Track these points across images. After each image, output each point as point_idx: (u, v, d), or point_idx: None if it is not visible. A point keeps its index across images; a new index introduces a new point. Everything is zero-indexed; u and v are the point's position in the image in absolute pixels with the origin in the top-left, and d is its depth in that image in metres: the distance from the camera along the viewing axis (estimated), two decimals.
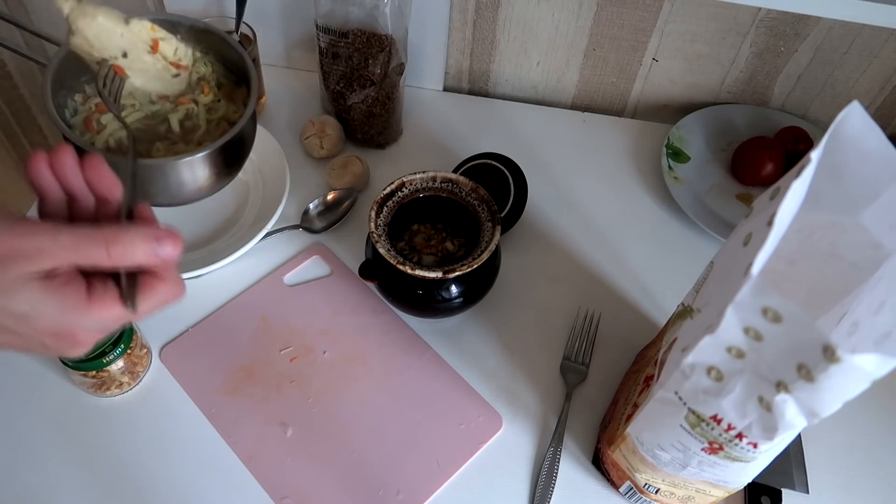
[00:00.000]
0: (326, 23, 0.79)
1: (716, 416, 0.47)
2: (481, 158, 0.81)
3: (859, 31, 0.82)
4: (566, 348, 0.72)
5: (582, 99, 0.97)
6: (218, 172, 0.59)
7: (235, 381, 0.67)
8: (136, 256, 0.36)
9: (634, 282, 0.78)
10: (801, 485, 0.65)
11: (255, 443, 0.64)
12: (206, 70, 0.62)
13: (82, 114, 0.59)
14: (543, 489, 0.63)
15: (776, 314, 0.39)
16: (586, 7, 0.85)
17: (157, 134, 0.59)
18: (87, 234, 0.36)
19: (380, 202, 0.68)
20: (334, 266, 0.76)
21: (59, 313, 0.36)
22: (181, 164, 0.56)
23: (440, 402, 0.68)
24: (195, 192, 0.59)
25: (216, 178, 0.59)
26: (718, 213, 0.84)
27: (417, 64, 0.92)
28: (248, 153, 0.62)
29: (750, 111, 0.92)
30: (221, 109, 0.62)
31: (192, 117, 0.60)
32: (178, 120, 0.59)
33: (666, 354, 0.53)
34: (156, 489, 0.62)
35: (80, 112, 0.59)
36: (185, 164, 0.55)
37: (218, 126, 0.61)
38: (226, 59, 0.63)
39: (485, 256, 0.64)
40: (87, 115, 0.59)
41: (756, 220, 0.44)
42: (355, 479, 0.63)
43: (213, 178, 0.59)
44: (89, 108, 0.59)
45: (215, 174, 0.59)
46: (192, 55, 0.61)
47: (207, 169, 0.57)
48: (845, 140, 0.42)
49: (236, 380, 0.67)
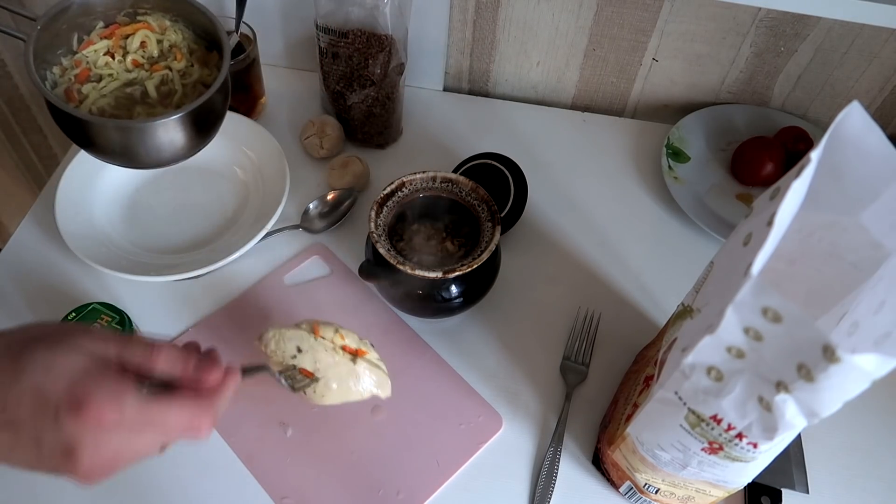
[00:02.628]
0: (326, 23, 0.79)
1: (716, 416, 0.47)
2: (481, 158, 0.81)
3: (859, 31, 0.82)
4: (566, 348, 0.72)
5: (582, 99, 0.97)
6: (196, 133, 0.62)
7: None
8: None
9: (634, 282, 0.78)
10: (801, 485, 0.65)
11: (255, 443, 0.64)
12: (176, 37, 0.65)
13: (62, 85, 0.61)
14: (543, 489, 0.63)
15: (776, 314, 0.39)
16: (586, 7, 0.85)
17: (136, 100, 0.62)
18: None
19: (380, 202, 0.68)
20: (334, 266, 0.76)
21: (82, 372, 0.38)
22: (158, 126, 0.59)
23: (440, 402, 0.68)
24: (175, 152, 0.62)
25: (194, 138, 0.62)
26: (718, 213, 0.84)
27: (417, 64, 0.92)
28: (223, 115, 0.65)
29: (750, 111, 0.92)
30: (196, 73, 0.64)
31: (168, 82, 0.63)
32: (154, 86, 0.62)
33: (666, 354, 0.53)
34: (156, 489, 0.62)
35: (60, 84, 0.61)
36: (162, 125, 0.59)
37: (194, 89, 0.63)
38: (196, 26, 0.65)
39: (485, 256, 0.64)
40: (68, 86, 0.61)
41: (756, 220, 0.44)
42: (355, 479, 0.63)
43: (191, 138, 0.62)
44: (69, 80, 0.61)
45: (193, 134, 0.62)
46: None
47: (185, 129, 0.61)
48: (845, 140, 0.42)
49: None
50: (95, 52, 0.62)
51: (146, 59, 0.63)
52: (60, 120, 0.59)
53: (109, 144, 0.60)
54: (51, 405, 0.37)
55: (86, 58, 0.62)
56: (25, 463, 0.38)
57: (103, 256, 0.72)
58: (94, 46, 0.62)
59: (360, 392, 0.58)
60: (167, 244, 0.76)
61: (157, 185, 0.81)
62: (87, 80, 0.61)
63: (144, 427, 0.39)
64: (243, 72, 0.83)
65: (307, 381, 0.58)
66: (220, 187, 0.81)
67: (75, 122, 0.58)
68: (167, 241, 0.77)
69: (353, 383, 0.58)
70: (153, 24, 0.64)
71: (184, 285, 0.74)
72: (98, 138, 0.59)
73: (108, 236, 0.75)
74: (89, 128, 0.58)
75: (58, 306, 0.67)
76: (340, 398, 0.58)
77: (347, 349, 0.60)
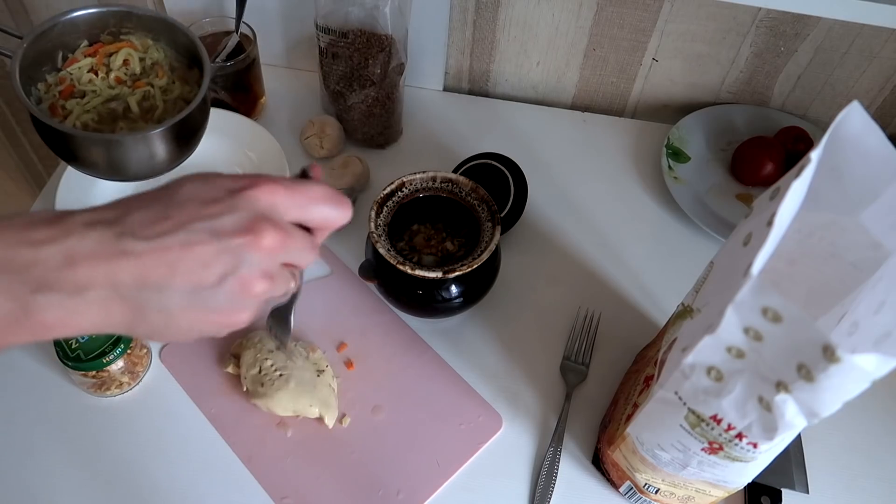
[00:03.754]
0: (326, 23, 0.79)
1: (716, 416, 0.47)
2: (481, 158, 0.81)
3: (859, 31, 0.82)
4: (566, 348, 0.72)
5: (582, 99, 0.97)
6: (177, 146, 0.64)
7: (235, 381, 0.67)
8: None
9: (634, 282, 0.78)
10: (801, 485, 0.65)
11: (255, 443, 0.64)
12: (158, 55, 0.66)
13: (47, 101, 0.63)
14: (543, 489, 0.63)
15: (776, 314, 0.39)
16: (586, 7, 0.85)
17: (119, 115, 0.63)
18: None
19: (380, 202, 0.68)
20: (334, 266, 0.76)
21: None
22: (140, 139, 0.61)
23: (440, 403, 0.68)
24: (157, 165, 0.63)
25: (175, 151, 0.64)
26: (718, 213, 0.84)
27: (417, 64, 0.91)
28: (203, 129, 0.67)
29: (750, 111, 0.92)
30: (177, 90, 0.65)
31: (150, 98, 0.64)
32: (136, 101, 0.64)
33: (666, 354, 0.53)
34: (156, 489, 0.62)
35: (45, 100, 0.63)
36: (143, 138, 0.61)
37: (175, 105, 0.65)
38: (177, 45, 0.67)
39: (485, 256, 0.64)
40: (52, 101, 0.63)
41: (756, 220, 0.44)
42: (355, 479, 0.63)
43: (171, 151, 0.63)
44: (53, 96, 0.63)
45: (174, 147, 0.63)
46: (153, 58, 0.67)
47: (167, 143, 0.62)
48: (845, 140, 0.42)
49: (236, 380, 0.67)
50: (80, 69, 0.64)
51: (129, 77, 0.65)
52: (45, 134, 0.60)
53: (93, 158, 0.61)
54: (220, 197, 0.36)
55: (70, 75, 0.64)
56: (201, 263, 0.35)
57: None
58: (78, 64, 0.64)
59: (310, 404, 0.64)
60: None
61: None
62: (70, 95, 0.63)
63: (308, 203, 0.40)
64: (243, 72, 0.83)
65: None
66: None
67: (60, 136, 0.59)
68: None
69: (308, 393, 0.64)
70: (136, 43, 0.66)
71: None
72: (82, 152, 0.61)
73: None
74: (73, 141, 0.60)
75: None
76: (291, 403, 0.64)
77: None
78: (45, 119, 0.58)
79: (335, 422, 0.65)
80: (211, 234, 0.35)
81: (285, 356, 0.65)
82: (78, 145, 0.60)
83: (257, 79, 0.87)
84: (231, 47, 0.82)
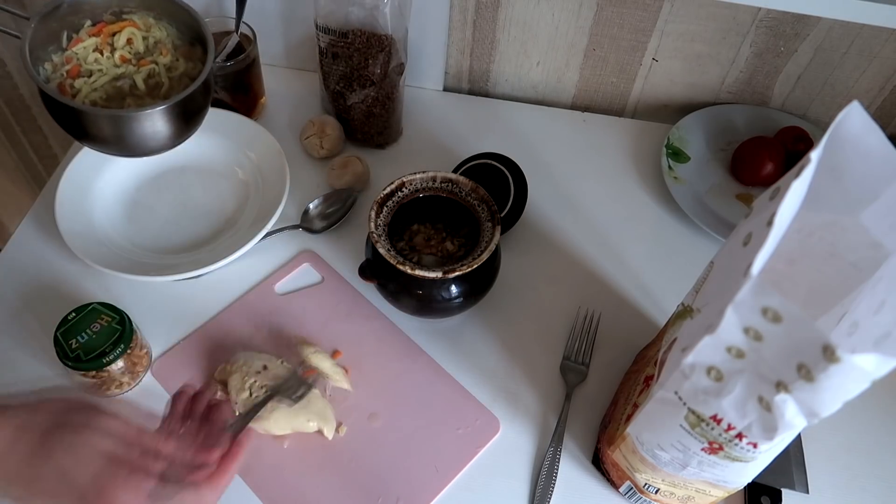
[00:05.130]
0: (326, 23, 0.79)
1: (716, 416, 0.47)
2: (481, 158, 0.81)
3: (859, 31, 0.82)
4: (566, 348, 0.72)
5: (582, 99, 0.97)
6: (182, 122, 0.65)
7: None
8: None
9: (634, 282, 0.78)
10: (801, 485, 0.65)
11: (252, 454, 0.62)
12: (161, 34, 0.68)
13: (55, 80, 0.64)
14: (543, 489, 0.63)
15: (776, 314, 0.39)
16: (586, 7, 0.85)
17: (126, 92, 0.65)
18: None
19: (380, 202, 0.68)
20: (325, 273, 0.76)
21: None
22: (148, 115, 0.62)
23: (437, 407, 0.67)
24: (163, 140, 0.65)
25: (181, 127, 0.66)
26: (718, 213, 0.84)
27: (417, 64, 0.92)
28: (207, 106, 0.68)
29: (750, 111, 0.92)
30: (181, 67, 0.67)
31: (155, 76, 0.66)
32: (142, 79, 0.65)
33: (666, 354, 0.53)
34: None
35: (53, 79, 0.64)
36: (151, 114, 0.62)
37: (180, 82, 0.67)
38: (179, 23, 0.69)
39: (485, 256, 0.64)
40: (61, 81, 0.64)
41: (756, 220, 0.44)
42: (354, 487, 0.62)
43: (177, 127, 0.65)
44: (61, 75, 0.64)
45: (180, 123, 0.65)
46: None
47: (173, 118, 0.64)
48: (845, 140, 0.42)
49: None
50: (85, 49, 0.65)
51: (133, 55, 0.66)
52: (56, 112, 0.62)
53: (102, 134, 0.63)
54: (75, 490, 0.39)
55: (76, 55, 0.65)
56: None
57: (103, 256, 0.72)
58: (83, 44, 0.65)
59: (307, 420, 0.63)
60: (167, 244, 0.76)
61: (158, 186, 0.81)
62: (78, 75, 0.64)
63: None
64: (243, 72, 0.83)
65: (302, 387, 0.63)
66: (220, 187, 0.81)
67: (70, 112, 0.61)
68: (167, 241, 0.77)
69: (303, 408, 0.63)
70: (138, 22, 0.67)
71: (184, 285, 0.74)
72: (91, 128, 0.62)
73: (108, 236, 0.75)
74: (83, 118, 0.61)
75: (58, 306, 0.67)
76: (288, 422, 0.63)
77: (308, 373, 0.65)
78: (57, 96, 0.60)
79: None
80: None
81: (273, 374, 0.64)
82: (88, 122, 0.62)
83: (257, 79, 0.87)
84: (231, 47, 0.82)
